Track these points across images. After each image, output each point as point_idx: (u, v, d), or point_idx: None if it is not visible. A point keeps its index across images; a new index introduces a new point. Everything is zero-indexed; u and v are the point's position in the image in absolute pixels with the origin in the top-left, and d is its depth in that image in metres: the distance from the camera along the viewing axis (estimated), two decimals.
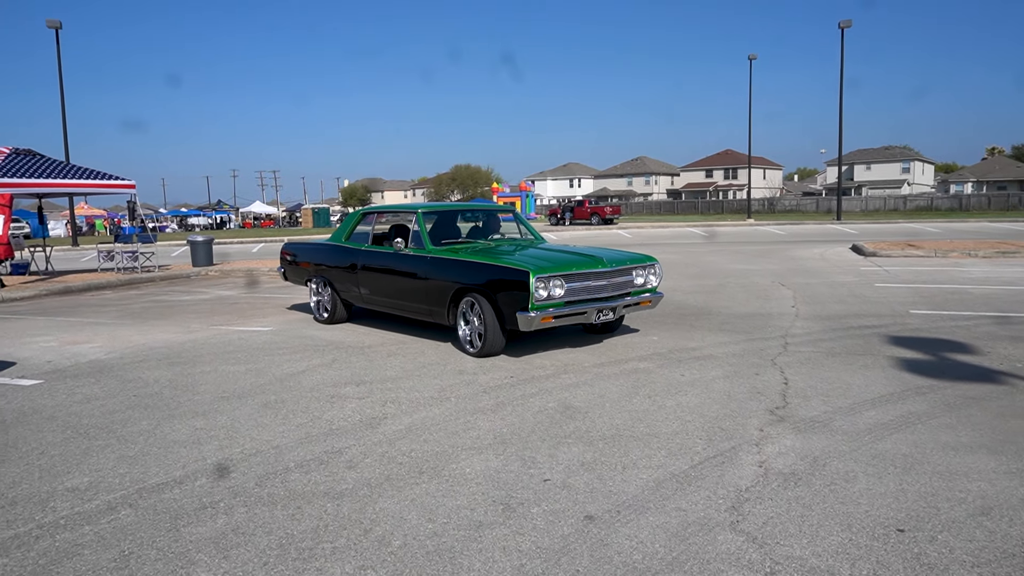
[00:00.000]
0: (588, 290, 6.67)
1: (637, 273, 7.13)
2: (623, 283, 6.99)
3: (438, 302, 7.16)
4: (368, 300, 8.38)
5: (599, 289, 6.74)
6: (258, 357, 7.03)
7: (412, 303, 7.60)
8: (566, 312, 6.44)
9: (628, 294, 7.05)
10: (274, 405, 5.25)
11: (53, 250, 28.55)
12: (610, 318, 6.88)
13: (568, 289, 6.49)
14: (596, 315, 6.67)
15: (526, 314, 6.24)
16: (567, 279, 6.49)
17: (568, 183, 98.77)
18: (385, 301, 8.09)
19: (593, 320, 6.68)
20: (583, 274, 6.63)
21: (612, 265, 6.83)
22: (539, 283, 6.24)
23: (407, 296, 7.64)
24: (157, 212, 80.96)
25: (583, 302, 6.64)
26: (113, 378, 6.30)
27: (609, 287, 6.83)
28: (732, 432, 4.41)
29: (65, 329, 9.21)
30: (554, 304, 6.41)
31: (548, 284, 6.32)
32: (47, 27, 31.02)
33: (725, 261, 16.65)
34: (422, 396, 5.39)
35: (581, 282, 6.61)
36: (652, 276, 7.29)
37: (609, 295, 6.84)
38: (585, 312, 6.56)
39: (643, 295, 7.18)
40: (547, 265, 6.49)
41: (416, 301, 7.52)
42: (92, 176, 15.43)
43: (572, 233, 34.55)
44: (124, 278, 15.21)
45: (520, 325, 6.30)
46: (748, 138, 45.63)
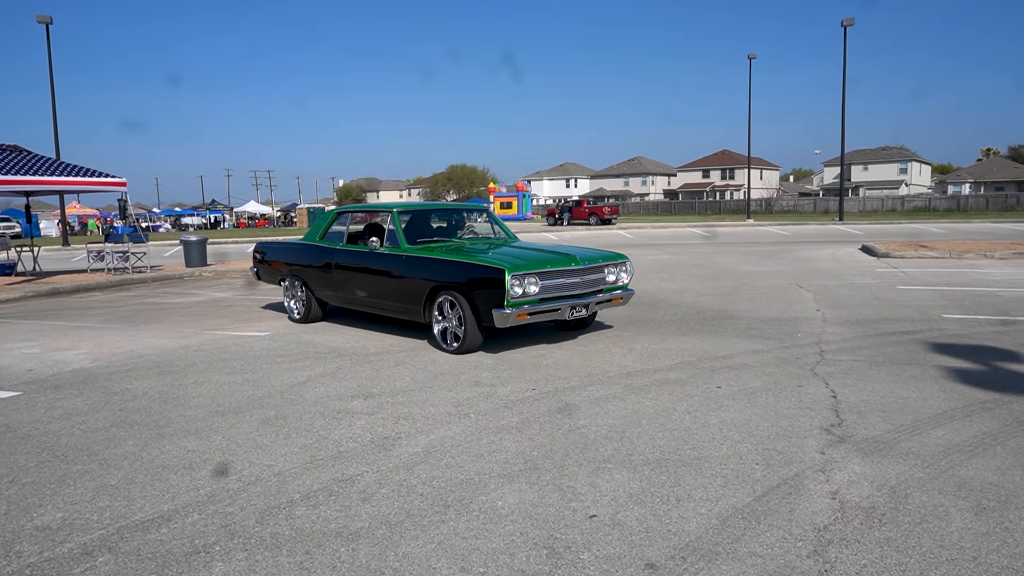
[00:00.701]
0: (562, 287, 6.82)
1: (609, 271, 7.30)
2: (596, 280, 7.17)
3: (414, 300, 7.20)
4: (343, 299, 8.38)
5: (572, 286, 6.91)
6: (256, 366, 6.52)
7: (388, 301, 7.63)
8: (541, 309, 6.57)
9: (601, 291, 7.22)
10: (274, 422, 4.75)
11: (41, 250, 27.96)
12: (583, 315, 7.07)
13: (543, 286, 6.63)
14: (570, 312, 6.83)
15: (502, 311, 6.35)
16: (542, 276, 6.62)
17: (564, 183, 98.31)
18: (360, 299, 8.08)
19: (567, 316, 6.86)
20: (557, 272, 6.77)
21: (585, 263, 6.98)
22: (514, 281, 6.35)
23: (383, 295, 7.67)
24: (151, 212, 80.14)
25: (557, 299, 6.78)
26: (98, 389, 5.79)
27: (582, 284, 7.00)
28: (790, 455, 3.93)
29: (49, 334, 8.68)
30: (529, 301, 6.53)
31: (523, 282, 6.44)
32: (37, 22, 30.43)
33: (735, 262, 16.20)
34: (438, 411, 4.90)
35: (555, 279, 6.76)
36: (624, 273, 7.49)
37: (582, 292, 7.03)
38: (559, 308, 6.71)
39: (615, 292, 7.33)
40: (522, 263, 6.60)
41: (392, 299, 7.55)
42: (81, 173, 14.87)
43: (572, 233, 34.06)
44: (114, 279, 14.65)
45: (496, 322, 6.40)
46: (748, 138, 45.31)
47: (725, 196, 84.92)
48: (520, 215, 62.01)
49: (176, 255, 22.22)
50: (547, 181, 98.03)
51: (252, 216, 76.33)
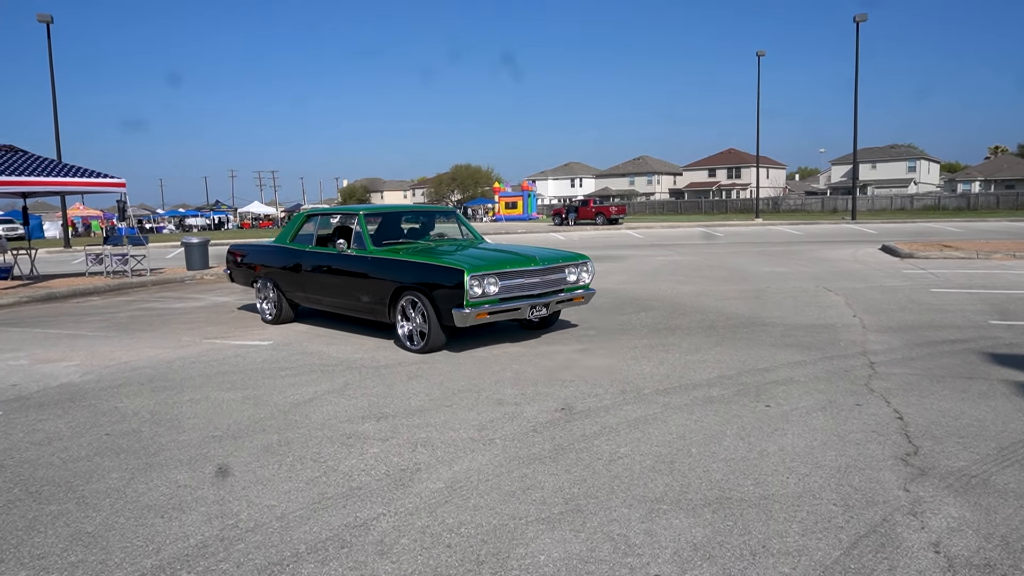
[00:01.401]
0: (522, 287, 6.96)
1: (570, 271, 7.42)
2: (556, 280, 7.29)
3: (379, 301, 7.32)
4: (313, 300, 8.50)
5: (532, 286, 7.05)
6: (257, 380, 6.02)
7: (354, 302, 7.75)
8: (501, 308, 6.70)
9: (562, 290, 7.34)
10: (277, 449, 4.25)
11: (38, 252, 27.53)
12: (543, 314, 7.22)
13: (502, 286, 6.75)
14: (530, 311, 6.97)
15: (461, 311, 6.48)
16: (501, 277, 6.75)
17: (569, 183, 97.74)
18: (329, 301, 8.20)
19: (527, 316, 7.01)
20: (516, 272, 6.90)
21: (544, 263, 7.12)
22: (474, 281, 6.48)
23: (349, 295, 7.78)
24: (155, 213, 79.89)
25: (517, 299, 6.90)
26: (85, 408, 5.29)
27: (542, 284, 7.13)
28: (870, 493, 3.41)
29: (40, 343, 8.20)
30: (489, 301, 6.66)
31: (483, 282, 6.56)
32: (38, 21, 30.01)
33: (753, 263, 15.66)
34: (459, 437, 4.38)
35: (515, 280, 6.89)
36: (584, 273, 7.60)
37: (543, 292, 7.15)
38: (519, 308, 6.84)
39: (576, 291, 7.45)
40: (481, 264, 6.73)
41: (358, 300, 7.67)
42: (79, 174, 14.40)
43: (580, 234, 33.53)
44: (113, 283, 14.18)
45: (456, 321, 6.53)
46: (756, 136, 44.83)
47: (731, 195, 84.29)
48: (525, 215, 61.52)
49: (178, 257, 21.77)
50: (552, 181, 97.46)
51: (256, 217, 75.97)
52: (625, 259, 17.88)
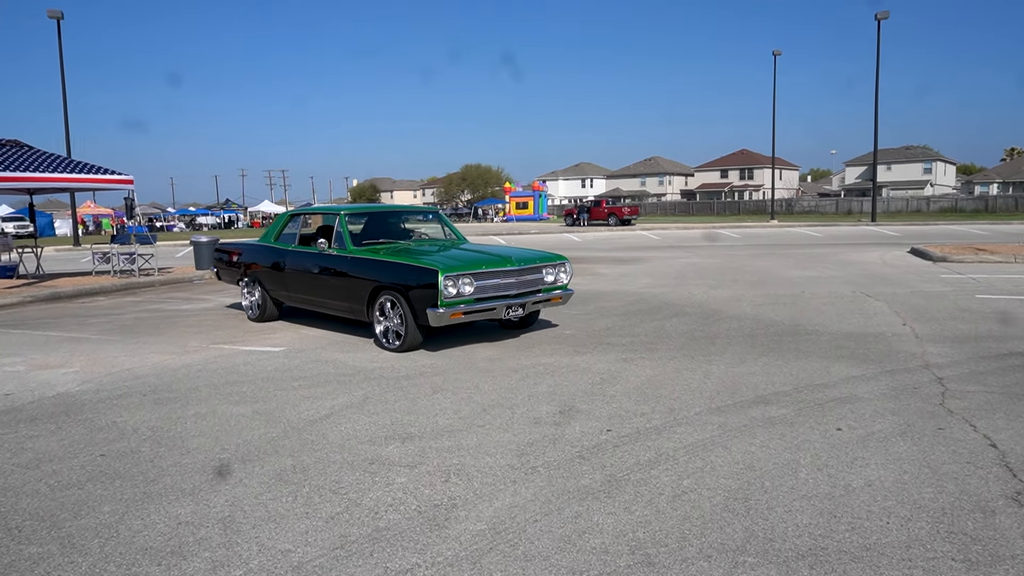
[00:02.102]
0: (497, 287, 6.97)
1: (547, 271, 7.43)
2: (533, 281, 7.30)
3: (358, 300, 7.37)
4: (295, 299, 8.55)
5: (508, 286, 7.05)
6: (268, 392, 5.55)
7: (334, 301, 7.79)
8: (476, 308, 6.75)
9: (539, 291, 7.35)
10: (292, 476, 3.76)
11: (49, 251, 27.22)
12: (520, 314, 7.25)
13: (477, 287, 6.78)
14: (505, 311, 7.00)
15: (435, 310, 6.52)
16: (476, 277, 6.78)
17: (580, 183, 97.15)
18: (310, 300, 8.25)
19: (503, 316, 7.05)
20: (492, 272, 6.92)
21: (520, 264, 7.13)
22: (448, 281, 6.53)
23: (330, 294, 7.83)
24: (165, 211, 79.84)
25: (492, 299, 6.92)
26: (80, 423, 4.82)
27: (518, 284, 7.13)
28: (992, 544, 2.89)
29: (40, 347, 7.76)
30: (464, 301, 6.70)
31: (457, 282, 6.60)
32: (48, 17, 29.76)
33: (778, 266, 15.09)
34: (496, 464, 3.88)
35: (490, 280, 6.91)
36: (562, 274, 7.62)
37: (519, 292, 7.15)
38: (494, 308, 6.88)
39: (554, 292, 7.49)
40: (456, 264, 6.78)
41: (338, 299, 7.71)
42: (86, 170, 14.00)
43: (595, 235, 32.98)
44: (120, 283, 13.77)
45: (430, 321, 6.57)
46: (772, 137, 44.08)
47: (744, 196, 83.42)
48: (536, 215, 60.97)
49: (188, 256, 21.38)
50: (562, 181, 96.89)
51: (266, 216, 75.75)
52: (645, 261, 17.35)
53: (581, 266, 16.14)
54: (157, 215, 71.95)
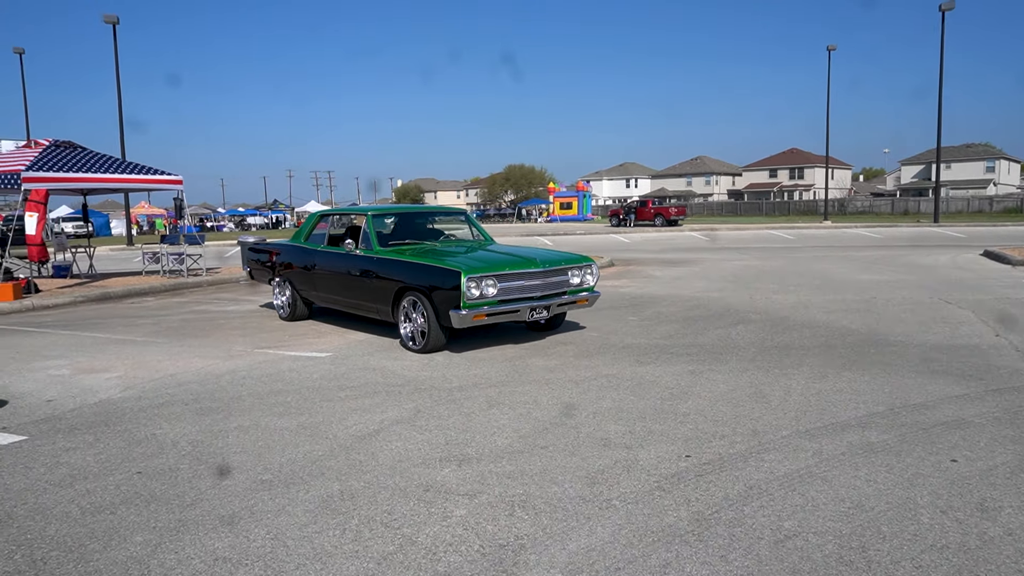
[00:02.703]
0: (521, 289, 6.88)
1: (573, 273, 7.31)
2: (558, 283, 7.19)
3: (383, 300, 7.35)
4: (324, 299, 8.58)
5: (532, 288, 6.96)
6: (314, 403, 5.23)
7: (362, 301, 7.80)
8: (499, 310, 6.66)
9: (564, 293, 7.23)
10: (339, 504, 3.40)
11: (104, 250, 27.81)
12: (544, 316, 7.07)
13: (501, 288, 6.70)
14: (529, 313, 6.88)
15: (458, 312, 6.47)
16: (500, 279, 6.70)
17: (624, 183, 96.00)
18: (338, 300, 8.28)
19: (526, 318, 6.90)
20: (516, 274, 6.84)
21: (545, 266, 7.04)
22: (471, 283, 6.48)
23: (357, 295, 7.84)
24: (215, 211, 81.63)
25: (516, 301, 6.83)
26: (119, 435, 4.57)
27: (543, 286, 7.04)
28: None
29: (86, 349, 7.63)
30: (488, 303, 6.63)
31: (480, 284, 6.54)
32: (104, 22, 30.45)
33: (841, 270, 14.32)
34: (565, 494, 3.46)
35: (513, 282, 6.83)
36: (589, 276, 7.47)
37: (543, 294, 7.05)
38: (518, 310, 6.78)
39: (580, 294, 7.36)
40: (480, 265, 6.72)
41: (365, 299, 7.71)
42: (137, 171, 14.07)
43: (643, 235, 32.28)
44: (168, 283, 13.79)
45: (453, 322, 6.51)
46: (826, 135, 42.55)
47: (794, 196, 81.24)
48: (580, 215, 60.33)
49: (236, 256, 21.51)
50: (607, 181, 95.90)
51: None
52: (698, 263, 16.71)
53: (632, 268, 15.61)
54: (207, 215, 73.58)
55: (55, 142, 13.63)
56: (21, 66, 35.54)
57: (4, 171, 12.13)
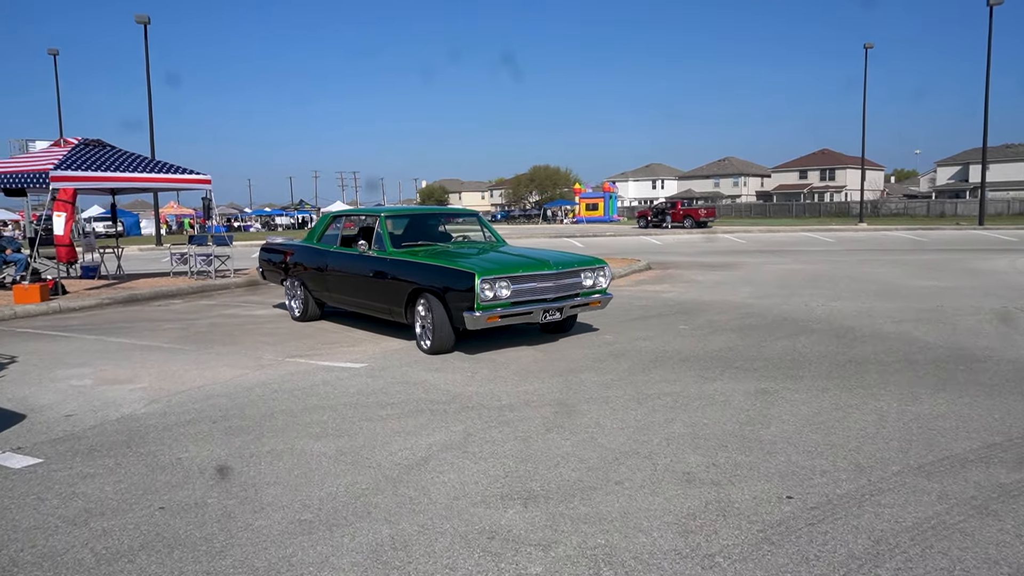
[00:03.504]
0: (534, 291, 6.86)
1: (586, 275, 7.30)
2: (571, 285, 7.16)
3: (396, 302, 7.33)
4: (336, 299, 8.58)
5: (545, 290, 6.94)
6: (353, 422, 4.76)
7: (374, 302, 7.79)
8: (512, 312, 6.66)
9: (577, 295, 7.22)
10: (391, 556, 2.91)
11: (132, 250, 27.78)
12: (556, 318, 7.06)
13: (514, 290, 6.69)
14: (542, 315, 6.87)
15: (472, 313, 6.47)
16: (513, 281, 6.69)
17: (651, 184, 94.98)
18: (351, 300, 8.29)
19: (540, 320, 6.90)
20: (529, 276, 6.83)
21: (558, 268, 7.04)
22: (484, 284, 6.46)
23: (369, 295, 7.83)
24: (243, 212, 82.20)
25: (529, 303, 6.82)
26: (141, 459, 4.14)
27: (555, 288, 7.02)
28: None
29: (111, 356, 7.27)
30: (501, 304, 6.62)
31: (494, 285, 6.53)
32: (136, 23, 30.52)
33: (895, 275, 13.58)
34: (656, 545, 2.94)
35: (527, 283, 6.81)
36: (601, 278, 7.45)
37: (556, 296, 7.03)
38: (531, 312, 6.77)
39: (592, 296, 7.35)
40: (493, 267, 6.70)
41: (377, 300, 7.70)
42: (165, 170, 13.79)
43: (675, 237, 31.55)
44: (196, 285, 13.48)
45: (466, 324, 6.51)
46: (862, 135, 41.45)
47: (824, 198, 79.64)
48: (607, 216, 59.57)
49: None
50: (632, 182, 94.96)
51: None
52: (739, 267, 16.05)
53: (671, 272, 15.01)
54: (235, 215, 74.05)
55: (84, 140, 13.39)
56: (55, 67, 35.81)
57: (32, 170, 11.90)
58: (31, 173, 11.86)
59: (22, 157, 13.23)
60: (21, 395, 5.75)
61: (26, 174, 11.92)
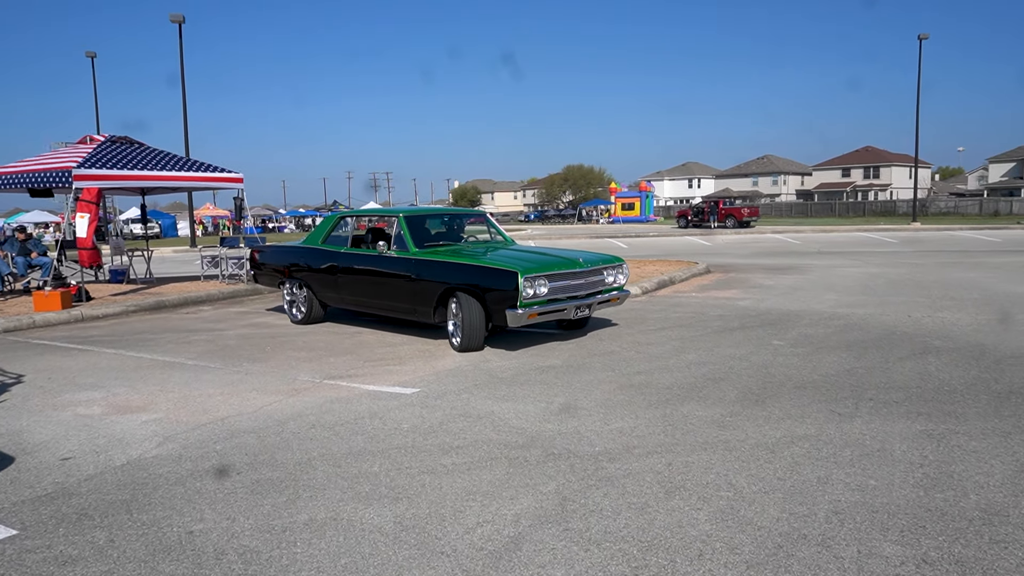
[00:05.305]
0: (567, 288, 7.00)
1: (608, 273, 7.48)
2: (597, 282, 7.35)
3: (424, 302, 7.30)
4: (348, 301, 8.47)
5: (577, 287, 7.11)
6: (411, 475, 3.75)
7: (396, 303, 7.74)
8: (548, 309, 6.76)
9: (600, 292, 7.39)
10: None
11: (166, 252, 27.37)
12: (586, 314, 7.32)
13: (551, 288, 6.79)
14: (575, 311, 7.04)
15: (515, 311, 6.52)
16: (550, 279, 6.79)
17: (687, 183, 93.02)
18: (366, 301, 8.19)
19: (572, 316, 7.07)
20: (564, 274, 6.97)
21: (588, 265, 7.21)
22: (527, 282, 6.52)
23: (390, 296, 7.77)
24: (277, 212, 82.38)
25: (563, 300, 6.96)
26: (142, 533, 3.17)
27: (585, 285, 7.20)
28: None
29: (127, 375, 6.39)
30: (538, 302, 6.70)
31: (534, 283, 6.60)
32: (170, 22, 30.14)
33: (989, 279, 12.19)
34: None
35: (562, 281, 6.94)
36: (620, 275, 7.65)
37: (586, 293, 7.22)
38: (565, 309, 6.92)
39: (612, 292, 7.52)
40: (533, 266, 6.78)
41: (400, 301, 7.66)
42: (196, 168, 13.03)
43: (723, 238, 30.14)
44: (227, 290, 12.67)
45: (509, 322, 6.58)
46: (916, 130, 39.25)
47: (868, 196, 77.00)
48: (643, 216, 58.04)
49: None
50: (668, 181, 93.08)
51: None
52: (806, 270, 14.76)
53: (732, 276, 13.78)
54: (269, 216, 74.14)
55: (111, 138, 12.68)
56: (92, 70, 35.65)
57: (56, 168, 11.18)
58: (55, 172, 11.15)
59: (47, 155, 12.55)
60: (16, 428, 4.87)
61: (50, 173, 11.22)
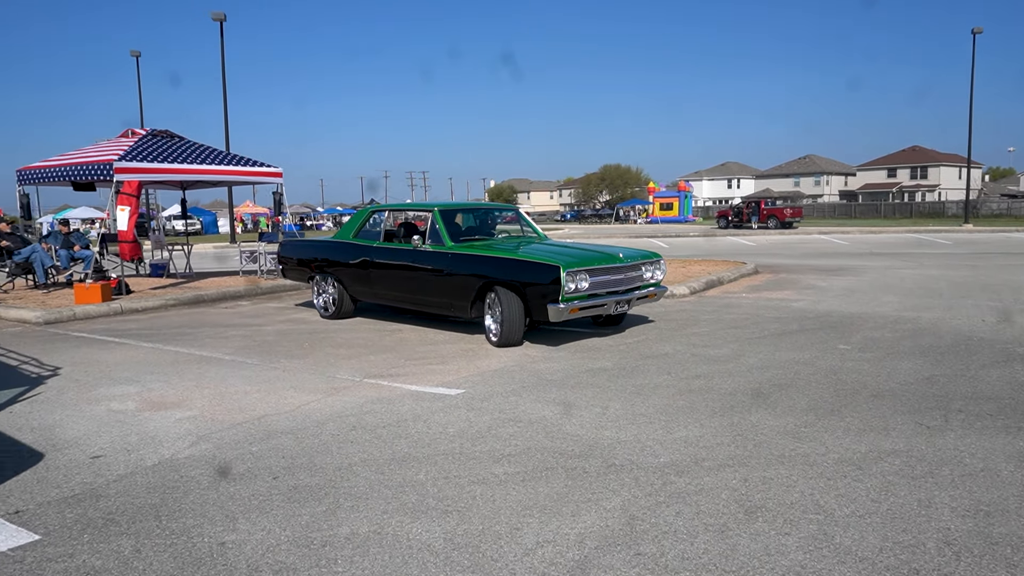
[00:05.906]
0: (607, 283, 6.99)
1: (645, 268, 7.43)
2: (635, 277, 7.30)
3: (461, 296, 7.25)
4: (381, 295, 8.41)
5: (617, 283, 7.09)
6: (460, 485, 3.44)
7: (431, 297, 7.67)
8: (589, 304, 6.73)
9: (639, 287, 7.34)
10: None
11: (206, 247, 27.65)
12: (625, 309, 7.25)
13: (592, 282, 6.77)
14: (614, 306, 6.99)
15: (556, 306, 6.50)
16: (591, 273, 6.78)
17: (726, 183, 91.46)
18: (400, 296, 8.14)
19: (612, 311, 7.02)
20: (604, 269, 6.95)
21: (627, 260, 7.16)
22: (569, 277, 6.51)
23: (426, 291, 7.69)
24: (315, 210, 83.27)
25: (603, 295, 6.93)
26: (171, 543, 2.92)
27: (624, 281, 7.17)
28: None
29: (163, 370, 6.22)
30: (579, 296, 6.67)
31: (576, 278, 6.59)
32: (212, 20, 30.46)
33: None
34: None
35: (602, 276, 6.93)
36: (657, 271, 7.59)
37: (625, 288, 7.17)
38: (605, 304, 6.86)
39: (650, 288, 7.49)
40: (574, 261, 6.73)
41: (436, 295, 7.60)
42: (235, 162, 12.96)
43: (767, 238, 29.35)
44: (265, 285, 12.57)
45: (551, 316, 6.55)
46: (968, 128, 37.68)
47: (915, 197, 74.70)
48: (681, 216, 57.14)
49: None
50: (707, 181, 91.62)
51: None
52: (860, 271, 14.11)
53: (783, 276, 13.22)
54: (307, 214, 74.96)
55: (152, 131, 12.67)
56: (137, 69, 36.31)
57: (98, 161, 11.18)
58: (97, 165, 11.14)
59: (89, 149, 12.59)
60: (49, 422, 4.69)
61: (92, 166, 11.22)
